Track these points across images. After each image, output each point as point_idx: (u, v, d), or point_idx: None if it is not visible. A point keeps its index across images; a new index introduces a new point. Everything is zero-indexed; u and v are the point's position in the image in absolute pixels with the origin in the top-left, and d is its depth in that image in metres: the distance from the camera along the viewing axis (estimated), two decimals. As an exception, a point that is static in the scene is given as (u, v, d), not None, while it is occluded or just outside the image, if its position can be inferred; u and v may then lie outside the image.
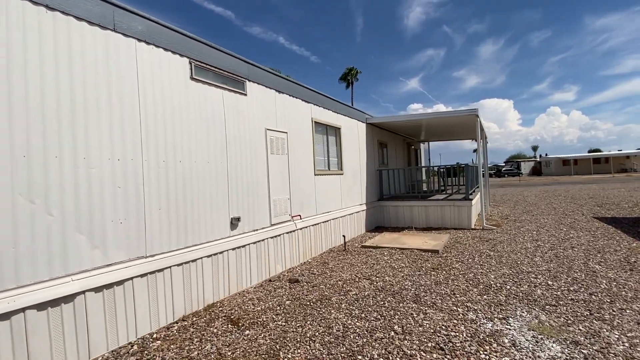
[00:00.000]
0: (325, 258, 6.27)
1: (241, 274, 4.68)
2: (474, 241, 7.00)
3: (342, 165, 7.90)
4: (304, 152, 6.40)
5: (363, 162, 9.09)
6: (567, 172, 45.02)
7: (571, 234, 7.27)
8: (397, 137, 12.58)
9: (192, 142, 4.06)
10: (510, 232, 7.73)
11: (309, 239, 6.32)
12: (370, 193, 9.40)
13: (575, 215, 9.77)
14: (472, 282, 4.49)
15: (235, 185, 4.69)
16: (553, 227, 8.09)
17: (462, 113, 8.07)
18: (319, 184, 6.86)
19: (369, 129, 9.62)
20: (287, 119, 5.91)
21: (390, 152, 11.59)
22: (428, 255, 6.00)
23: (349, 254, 6.50)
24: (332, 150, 7.60)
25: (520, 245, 6.40)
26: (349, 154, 8.30)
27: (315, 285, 4.68)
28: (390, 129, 11.22)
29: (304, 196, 6.31)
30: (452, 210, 8.83)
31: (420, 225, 9.26)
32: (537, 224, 8.72)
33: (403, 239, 7.37)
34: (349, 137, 8.32)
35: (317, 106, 6.96)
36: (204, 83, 4.29)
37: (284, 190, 5.73)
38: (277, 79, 5.69)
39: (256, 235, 5.00)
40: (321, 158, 7.14)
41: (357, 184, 8.63)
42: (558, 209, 11.45)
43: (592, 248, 5.95)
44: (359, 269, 5.38)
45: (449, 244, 6.87)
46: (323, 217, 6.87)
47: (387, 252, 6.36)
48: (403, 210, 9.54)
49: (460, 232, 8.05)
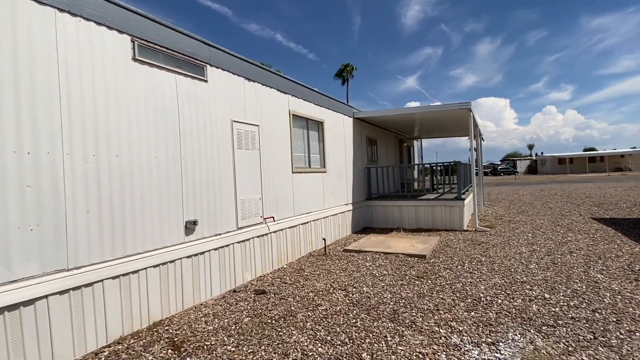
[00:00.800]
0: (302, 264, 5.73)
1: (199, 285, 4.12)
2: (465, 245, 6.49)
3: (326, 162, 7.35)
4: (280, 147, 5.84)
5: (349, 159, 8.55)
6: (563, 170, 44.83)
7: (569, 236, 6.78)
8: (388, 133, 12.04)
9: (134, 134, 3.48)
10: (505, 235, 7.23)
11: (284, 242, 5.77)
12: (357, 192, 8.86)
13: (573, 216, 9.30)
14: (460, 294, 3.96)
15: (192, 184, 4.12)
16: (549, 229, 7.60)
17: (454, 107, 7.54)
18: (298, 182, 6.30)
19: (356, 124, 9.06)
20: (259, 110, 5.34)
21: (380, 149, 11.05)
22: (414, 261, 5.48)
23: (329, 259, 5.96)
24: (313, 146, 7.04)
25: (515, 250, 5.89)
26: (334, 151, 7.75)
27: (283, 298, 4.13)
28: (380, 124, 10.67)
29: (280, 196, 5.75)
30: (443, 211, 8.31)
31: (410, 227, 8.74)
32: (532, 225, 8.23)
33: (389, 242, 6.85)
34: (333, 132, 7.76)
35: (296, 98, 6.39)
36: (151, 65, 3.70)
37: (255, 189, 5.16)
38: (246, 65, 5.11)
39: (219, 240, 4.44)
40: (301, 154, 6.58)
41: (342, 182, 8.08)
42: (554, 209, 10.99)
43: (592, 253, 5.45)
44: (336, 277, 4.84)
45: (438, 247, 6.35)
46: (302, 219, 6.32)
47: (370, 257, 5.83)
48: (392, 211, 9.02)
49: (451, 234, 7.54)
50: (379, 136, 10.97)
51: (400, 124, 11.04)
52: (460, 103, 7.47)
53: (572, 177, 34.29)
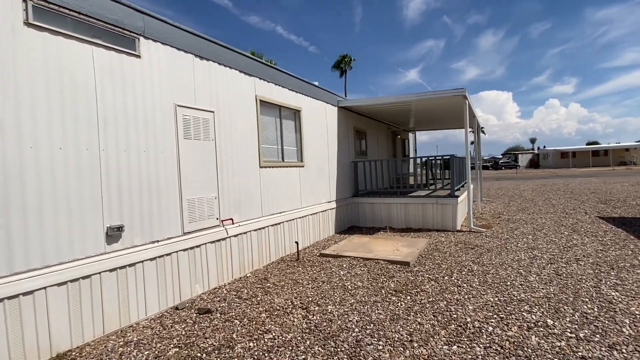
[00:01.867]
0: (269, 272, 5.01)
1: (127, 303, 3.41)
2: (457, 248, 5.76)
3: (303, 155, 6.59)
4: (244, 138, 5.08)
5: (333, 152, 7.78)
6: (566, 164, 43.87)
7: (574, 239, 6.03)
8: (380, 125, 11.24)
9: (26, 120, 2.73)
10: (502, 237, 6.48)
11: (249, 247, 5.05)
12: (342, 188, 8.11)
13: (578, 215, 8.53)
14: (442, 317, 3.24)
15: (117, 181, 3.38)
16: (552, 230, 6.85)
17: (447, 93, 6.74)
18: (267, 178, 5.56)
19: (342, 114, 8.27)
20: (214, 94, 4.57)
21: (370, 141, 10.27)
22: (395, 269, 4.75)
23: (301, 265, 5.24)
24: (288, 137, 6.28)
25: (513, 256, 5.15)
26: (314, 143, 6.98)
27: (229, 319, 3.42)
28: (370, 114, 9.87)
29: (243, 194, 5.02)
30: (435, 209, 7.57)
31: (399, 226, 8.00)
32: (533, 225, 7.48)
33: (372, 245, 6.12)
34: (313, 122, 6.99)
35: (265, 82, 5.61)
36: (53, 33, 2.94)
37: (209, 187, 4.43)
38: (195, 39, 4.32)
39: (156, 248, 3.71)
40: (271, 147, 5.83)
41: (324, 178, 7.33)
42: (557, 206, 10.22)
43: (602, 261, 4.71)
44: (301, 290, 4.12)
45: (426, 252, 5.62)
46: (272, 219, 5.59)
47: (347, 264, 5.10)
48: (380, 209, 8.27)
49: (442, 235, 6.81)
50: (369, 128, 10.18)
51: (392, 115, 10.24)
52: (454, 89, 6.67)
53: (575, 171, 33.39)
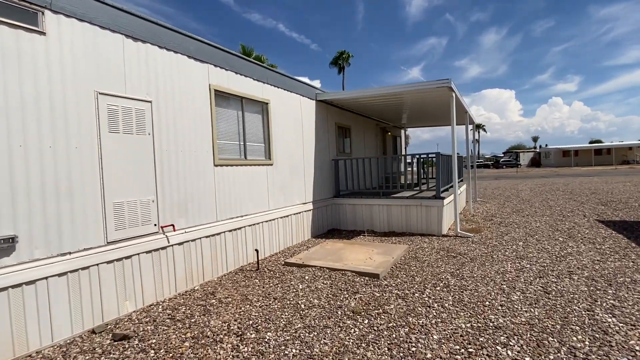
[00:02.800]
0: (221, 284, 4.44)
1: (24, 329, 2.83)
2: (438, 257, 5.16)
3: (272, 152, 6.00)
4: (193, 132, 4.50)
5: (310, 150, 7.19)
6: (567, 163, 43.12)
7: (569, 247, 5.42)
8: (368, 121, 10.62)
9: None
10: (490, 243, 5.88)
11: (198, 257, 4.47)
12: (321, 188, 7.52)
13: (575, 217, 7.91)
14: (398, 350, 2.65)
15: (8, 182, 2.79)
16: (546, 236, 6.24)
17: (431, 85, 6.11)
18: (225, 178, 4.97)
19: (321, 108, 7.67)
20: (153, 81, 3.98)
21: (355, 138, 9.66)
22: (362, 283, 4.16)
23: (259, 277, 4.66)
24: (252, 131, 5.69)
25: (497, 267, 4.55)
26: (285, 139, 6.39)
27: (144, 349, 2.84)
28: (355, 109, 9.26)
29: (192, 196, 4.43)
30: (419, 212, 6.96)
31: (381, 229, 7.41)
32: (526, 229, 6.87)
33: (345, 252, 5.53)
34: (285, 117, 6.39)
35: (223, 70, 5.01)
36: None
37: (145, 188, 3.84)
38: (126, 17, 3.72)
39: (67, 262, 3.13)
40: (231, 142, 5.23)
41: (298, 177, 6.74)
42: (554, 207, 9.60)
43: (598, 275, 4.10)
44: (246, 310, 3.54)
45: (402, 261, 5.03)
46: (231, 224, 5.00)
47: (310, 276, 4.52)
48: (361, 210, 7.68)
49: (425, 241, 6.21)
50: (354, 123, 9.56)
51: (379, 110, 9.62)
52: (438, 80, 6.04)
53: (577, 170, 32.67)
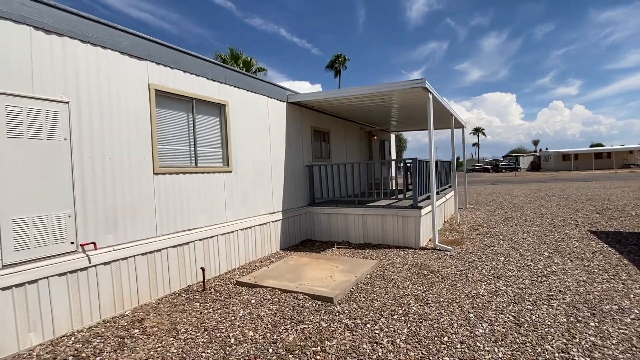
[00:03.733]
0: (156, 309, 3.92)
1: None
2: (408, 275, 4.64)
3: (231, 158, 5.51)
4: (126, 136, 4.01)
5: (279, 155, 6.69)
6: (567, 167, 42.58)
7: (554, 263, 4.90)
8: (350, 124, 10.13)
9: None
10: (468, 258, 5.35)
11: (130, 277, 3.96)
12: (292, 196, 7.02)
13: (567, 227, 7.37)
14: (322, 407, 2.13)
15: None
16: (531, 250, 5.71)
17: (404, 86, 5.62)
18: (169, 187, 4.48)
19: (294, 111, 7.18)
20: (72, 80, 3.50)
21: (335, 143, 9.16)
22: (312, 309, 3.65)
23: (201, 299, 4.15)
24: (206, 136, 5.20)
25: (469, 289, 4.03)
26: (249, 143, 5.90)
27: (17, 402, 2.33)
28: (333, 112, 8.77)
29: (124, 208, 3.94)
30: (395, 222, 6.45)
31: (357, 240, 6.89)
32: (511, 241, 6.34)
33: (306, 269, 5.01)
34: (248, 119, 5.91)
35: (168, 68, 4.54)
36: None
37: (58, 201, 3.34)
38: (35, 5, 3.24)
39: (-60, 291, 2.63)
40: (177, 148, 4.74)
41: (264, 184, 6.24)
42: (546, 215, 9.06)
43: (582, 301, 3.57)
44: (166, 345, 3.03)
45: (367, 280, 4.51)
46: (175, 239, 4.50)
47: (258, 299, 4.00)
48: (336, 220, 7.17)
49: (400, 255, 5.69)
50: (334, 127, 9.07)
51: (361, 113, 9.12)
52: (412, 80, 5.55)
53: (576, 174, 32.10)
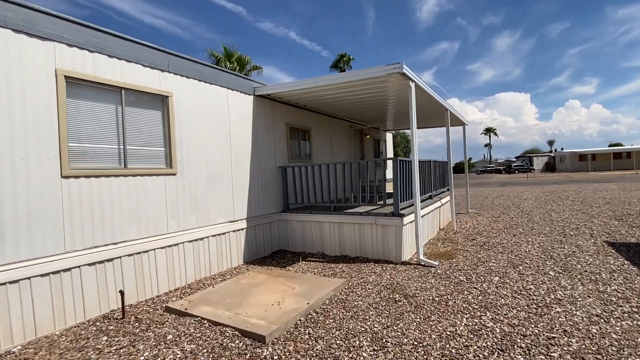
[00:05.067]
0: (54, 343, 3.16)
1: None
2: (375, 301, 3.77)
3: (175, 158, 4.74)
4: (22, 132, 3.27)
5: (244, 155, 5.90)
6: (584, 168, 40.60)
7: (561, 287, 3.94)
8: (336, 121, 9.28)
9: None
10: (455, 278, 4.43)
11: (25, 303, 3.21)
12: (260, 202, 6.21)
13: (579, 237, 6.35)
14: None
15: None
16: (534, 267, 4.74)
17: (378, 72, 4.75)
18: (84, 193, 3.73)
19: (264, 105, 6.39)
20: None
21: (318, 142, 8.32)
22: (235, 352, 2.82)
23: (114, 331, 3.37)
24: (142, 132, 4.45)
25: (446, 325, 3.13)
26: (201, 141, 5.13)
27: None
28: (314, 107, 7.94)
29: (15, 220, 3.19)
30: (374, 232, 5.57)
31: (333, 252, 6.04)
32: (512, 255, 5.37)
33: (254, 292, 4.18)
34: (200, 114, 5.14)
35: (85, 50, 3.80)
36: None
37: None
38: None
39: None
40: (99, 146, 3.99)
41: (222, 189, 5.46)
42: (557, 222, 8.00)
43: (593, 348, 2.63)
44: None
45: (322, 307, 3.65)
46: (92, 255, 3.75)
47: (176, 334, 3.19)
48: (311, 228, 6.33)
49: (376, 271, 4.81)
50: (316, 125, 8.24)
51: (347, 108, 8.26)
52: (388, 66, 4.68)
53: (594, 175, 30.34)
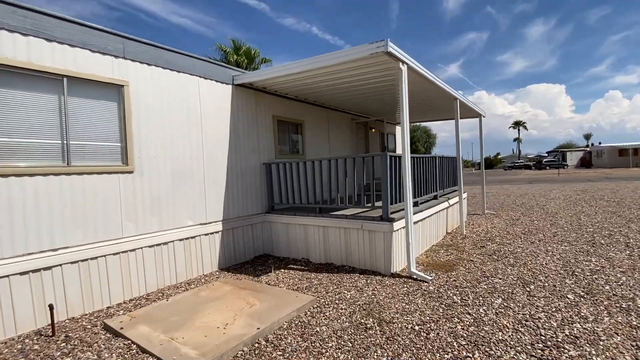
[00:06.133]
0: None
1: None
2: (342, 327, 3.11)
3: (132, 155, 4.26)
4: None
5: (219, 150, 5.37)
6: (624, 163, 37.36)
7: (580, 318, 3.11)
8: (335, 114, 8.56)
9: None
10: (448, 297, 3.68)
11: None
12: (239, 202, 5.67)
13: (612, 248, 5.35)
14: None
15: None
16: (549, 286, 3.90)
17: (361, 52, 4.01)
18: (13, 193, 3.31)
19: (246, 96, 5.81)
20: None
21: (312, 137, 7.66)
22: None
23: (37, 351, 2.93)
24: (91, 126, 3.98)
25: (418, 368, 2.43)
26: (165, 136, 4.63)
27: None
28: (309, 99, 7.29)
29: None
30: (361, 238, 4.88)
31: (318, 259, 5.41)
32: (524, 268, 4.52)
33: (208, 308, 3.63)
34: (164, 105, 4.64)
35: (14, 33, 3.35)
36: None
37: None
38: None
39: None
40: (34, 141, 3.55)
41: (191, 187, 4.96)
42: (586, 227, 6.94)
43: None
44: None
45: (276, 334, 3.04)
46: (23, 264, 3.33)
47: (95, 361, 2.70)
48: (295, 232, 5.72)
49: (357, 285, 4.14)
50: (310, 117, 7.58)
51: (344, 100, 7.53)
52: (371, 44, 3.94)
53: (635, 172, 27.70)
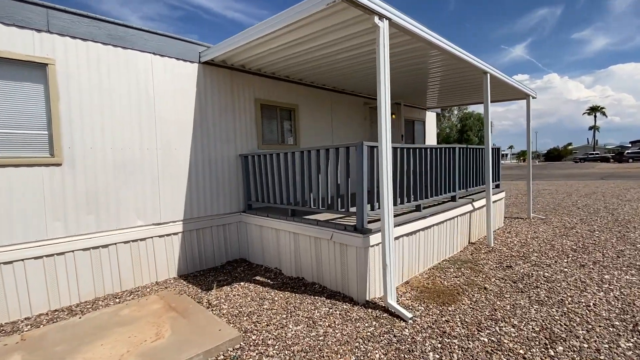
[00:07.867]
0: None
1: None
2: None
3: (61, 144, 3.68)
4: None
5: (180, 139, 4.63)
6: None
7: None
8: (341, 97, 7.38)
9: None
10: (422, 355, 2.52)
11: None
12: (206, 199, 4.92)
13: None
14: None
15: None
16: (593, 348, 2.52)
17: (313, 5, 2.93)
18: None
19: (215, 76, 4.98)
20: None
21: (308, 124, 6.59)
22: None
23: None
24: (7, 111, 3.45)
25: None
26: (105, 122, 3.99)
27: None
28: (304, 79, 6.25)
29: None
30: (332, 251, 3.82)
31: (289, 271, 4.48)
32: (558, 309, 3.11)
33: (97, 342, 2.88)
34: (104, 87, 3.98)
35: None
36: None
37: None
38: None
39: None
40: None
41: (141, 181, 4.29)
42: (672, 244, 5.04)
43: None
44: None
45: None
46: None
47: None
48: (268, 236, 4.83)
49: (313, 317, 3.14)
50: (307, 101, 6.52)
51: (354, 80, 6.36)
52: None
53: None
